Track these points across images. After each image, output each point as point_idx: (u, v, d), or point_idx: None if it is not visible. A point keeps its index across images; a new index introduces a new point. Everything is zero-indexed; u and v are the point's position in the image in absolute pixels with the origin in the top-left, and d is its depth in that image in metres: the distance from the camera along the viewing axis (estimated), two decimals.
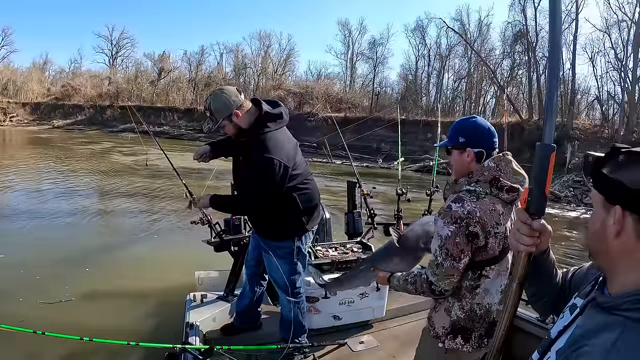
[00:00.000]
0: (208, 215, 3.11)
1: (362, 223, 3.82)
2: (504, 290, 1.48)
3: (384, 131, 20.49)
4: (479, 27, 30.77)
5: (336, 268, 2.94)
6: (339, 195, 10.14)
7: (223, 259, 3.36)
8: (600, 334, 0.70)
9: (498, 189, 1.47)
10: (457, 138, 1.56)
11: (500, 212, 1.45)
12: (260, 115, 2.32)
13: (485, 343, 1.53)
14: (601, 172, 0.78)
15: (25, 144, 24.96)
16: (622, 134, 16.56)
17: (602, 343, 0.68)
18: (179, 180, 3.29)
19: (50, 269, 5.24)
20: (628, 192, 0.72)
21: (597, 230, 0.78)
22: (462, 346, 1.54)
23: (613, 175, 0.75)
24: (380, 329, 2.93)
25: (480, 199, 1.46)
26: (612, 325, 0.70)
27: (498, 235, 1.46)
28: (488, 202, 1.45)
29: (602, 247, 0.77)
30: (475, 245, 1.44)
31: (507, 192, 1.47)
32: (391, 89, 37.32)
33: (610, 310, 0.73)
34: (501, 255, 1.51)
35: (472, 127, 1.56)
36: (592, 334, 0.72)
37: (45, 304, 4.29)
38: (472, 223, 1.42)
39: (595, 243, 0.79)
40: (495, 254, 1.49)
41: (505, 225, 1.47)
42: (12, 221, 7.71)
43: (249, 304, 2.83)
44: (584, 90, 24.96)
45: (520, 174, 1.51)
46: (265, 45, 41.13)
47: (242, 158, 2.40)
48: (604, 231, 0.76)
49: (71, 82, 40.70)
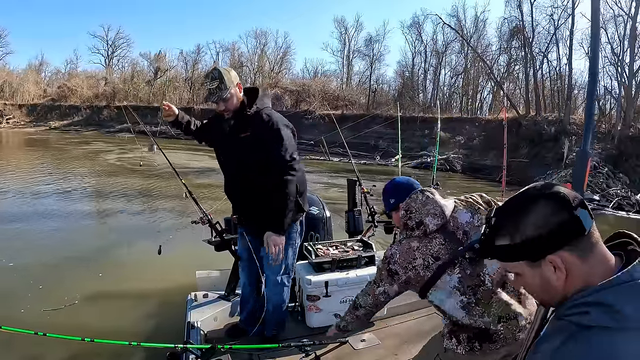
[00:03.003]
0: (208, 215, 3.11)
1: (362, 221, 3.83)
2: (465, 305, 1.60)
3: (381, 128, 20.52)
4: (475, 23, 30.85)
5: (337, 266, 2.94)
6: (338, 194, 10.15)
7: (224, 259, 3.35)
8: (549, 339, 0.76)
9: (410, 229, 1.69)
10: (388, 202, 1.82)
11: (414, 247, 1.65)
12: (256, 95, 2.44)
13: (477, 347, 1.59)
14: (504, 245, 0.81)
15: (22, 145, 24.85)
16: (620, 129, 16.57)
17: (547, 348, 0.74)
18: (178, 180, 3.29)
19: (52, 273, 5.23)
20: (545, 239, 0.76)
21: (542, 287, 0.81)
22: (457, 347, 1.63)
23: (520, 238, 0.79)
24: (381, 327, 2.94)
25: (400, 243, 1.71)
26: (560, 329, 0.75)
27: (417, 267, 1.64)
28: (405, 244, 1.68)
29: (554, 292, 0.80)
30: (396, 279, 1.68)
31: (417, 229, 1.67)
32: (388, 85, 37.40)
33: (559, 318, 0.78)
34: (433, 280, 1.63)
35: (393, 187, 1.83)
36: (545, 338, 0.79)
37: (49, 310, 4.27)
38: (392, 262, 1.69)
39: (548, 295, 0.82)
40: (423, 280, 1.64)
41: (423, 257, 1.64)
42: (11, 224, 7.67)
43: (252, 306, 2.82)
44: (581, 85, 24.99)
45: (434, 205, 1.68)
46: (262, 43, 41.17)
47: (245, 134, 2.38)
48: (549, 283, 0.79)
49: (67, 83, 40.48)
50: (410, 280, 1.67)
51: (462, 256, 1.62)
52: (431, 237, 1.65)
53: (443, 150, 19.16)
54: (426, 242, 1.65)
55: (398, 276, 1.67)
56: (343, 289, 2.88)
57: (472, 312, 1.59)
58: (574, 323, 0.73)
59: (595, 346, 0.68)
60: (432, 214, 1.65)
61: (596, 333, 0.69)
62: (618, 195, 12.30)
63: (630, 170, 14.40)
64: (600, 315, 0.70)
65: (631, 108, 17.49)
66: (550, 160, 16.64)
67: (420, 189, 1.76)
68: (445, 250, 1.63)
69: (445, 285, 1.62)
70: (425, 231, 1.65)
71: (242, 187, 2.50)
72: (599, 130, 17.35)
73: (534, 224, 0.76)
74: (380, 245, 4.26)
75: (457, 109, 30.84)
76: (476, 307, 1.59)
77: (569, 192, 0.77)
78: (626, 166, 14.61)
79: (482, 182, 16.54)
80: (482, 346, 1.58)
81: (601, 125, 17.82)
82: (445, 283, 1.62)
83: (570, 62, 21.07)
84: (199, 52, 42.12)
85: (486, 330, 1.57)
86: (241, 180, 2.50)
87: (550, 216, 0.76)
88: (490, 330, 1.57)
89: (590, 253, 0.77)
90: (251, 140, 2.37)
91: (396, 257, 1.68)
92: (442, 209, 1.67)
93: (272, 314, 2.70)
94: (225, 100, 2.33)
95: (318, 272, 2.91)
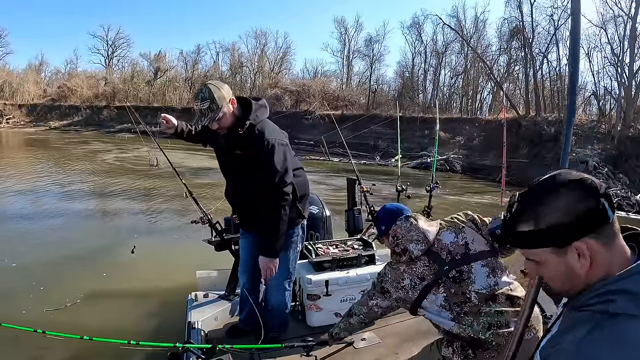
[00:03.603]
0: (208, 215, 3.11)
1: (362, 220, 3.83)
2: (455, 317, 1.68)
3: (381, 128, 20.55)
4: (475, 24, 30.80)
5: (337, 265, 2.94)
6: (338, 193, 10.15)
7: (224, 258, 3.36)
8: (573, 330, 0.75)
9: (398, 255, 1.82)
10: (380, 229, 1.96)
11: (402, 270, 1.78)
12: (249, 107, 2.35)
13: (471, 355, 1.65)
14: (528, 231, 0.81)
15: (22, 145, 24.85)
16: (619, 129, 16.58)
17: (573, 338, 0.73)
18: (179, 180, 3.29)
19: (52, 273, 5.24)
20: (572, 225, 0.76)
21: (566, 274, 0.81)
22: (452, 355, 1.70)
23: (546, 224, 0.78)
24: (382, 326, 2.93)
25: (391, 266, 1.85)
26: (583, 320, 0.75)
27: (405, 287, 1.76)
28: (395, 267, 1.82)
29: (578, 281, 0.80)
30: (387, 296, 1.82)
31: (403, 255, 1.79)
32: (388, 86, 37.33)
33: (580, 308, 0.78)
34: (419, 299, 1.75)
35: (384, 214, 1.97)
36: (566, 330, 0.78)
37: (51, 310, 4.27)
38: (384, 281, 1.83)
39: (570, 283, 0.82)
40: (412, 299, 1.77)
41: (410, 278, 1.76)
42: (11, 225, 7.68)
43: (252, 307, 2.81)
44: (581, 85, 24.94)
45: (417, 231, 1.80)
46: (262, 43, 41.09)
47: (239, 151, 2.35)
48: (573, 271, 0.79)
49: (67, 83, 40.45)
50: (399, 299, 1.81)
51: (445, 276, 1.71)
52: (416, 260, 1.77)
53: (443, 151, 19.17)
54: (412, 265, 1.77)
55: (389, 294, 1.82)
56: (343, 287, 2.89)
57: (462, 322, 1.66)
58: (599, 312, 0.73)
59: (623, 333, 0.68)
60: (416, 240, 1.78)
61: (623, 320, 0.69)
62: (618, 195, 12.30)
63: (630, 170, 14.42)
64: (627, 303, 0.70)
65: (631, 108, 17.50)
66: (550, 161, 16.63)
67: (405, 215, 1.89)
68: (429, 271, 1.74)
69: (432, 305, 1.73)
70: (410, 257, 1.77)
71: (242, 194, 2.50)
72: (599, 131, 17.37)
73: (562, 209, 0.76)
74: (380, 244, 4.27)
75: (457, 110, 30.81)
76: (465, 317, 1.66)
77: (595, 180, 0.78)
78: (626, 166, 14.63)
79: (481, 182, 16.55)
80: (476, 354, 1.64)
81: (601, 126, 17.84)
82: (432, 302, 1.73)
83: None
84: (199, 52, 42.15)
85: (477, 339, 1.63)
86: (239, 189, 2.50)
87: (578, 202, 0.76)
88: (480, 340, 1.62)
89: (612, 242, 0.77)
90: (246, 158, 2.33)
91: (388, 277, 1.82)
92: (425, 234, 1.79)
93: (274, 317, 2.70)
94: (218, 120, 2.26)
95: (318, 271, 2.91)
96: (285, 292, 2.67)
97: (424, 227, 1.81)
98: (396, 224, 1.85)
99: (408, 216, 1.87)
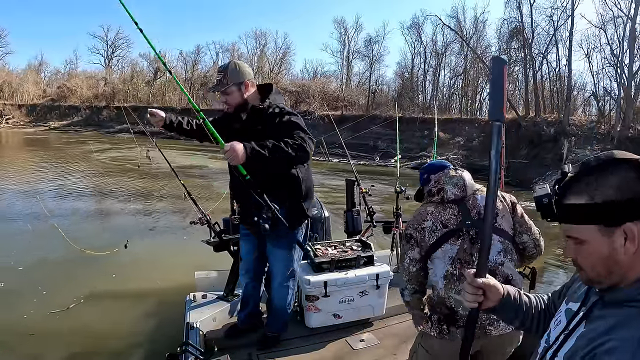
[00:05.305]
0: (207, 215, 3.11)
1: (361, 221, 3.83)
2: (448, 275, 1.71)
3: (380, 129, 20.49)
4: (475, 24, 30.89)
5: (336, 266, 2.94)
6: (337, 194, 10.14)
7: (222, 259, 3.36)
8: (625, 327, 0.69)
9: (431, 195, 1.83)
10: (422, 177, 1.94)
11: (428, 211, 1.80)
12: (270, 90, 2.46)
13: (445, 330, 1.70)
14: (579, 205, 0.75)
15: (21, 145, 24.84)
16: (619, 130, 16.60)
17: (631, 335, 0.67)
18: (177, 180, 3.29)
19: (52, 275, 5.24)
20: (628, 204, 0.70)
21: (607, 259, 0.75)
22: (430, 329, 1.75)
23: (601, 198, 0.72)
24: (380, 327, 2.93)
25: (418, 210, 1.87)
26: (635, 316, 0.69)
27: (425, 229, 1.76)
28: (422, 208, 1.85)
29: (616, 268, 0.74)
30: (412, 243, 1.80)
31: (437, 194, 1.80)
32: (387, 86, 37.42)
33: (628, 304, 0.72)
34: (436, 245, 1.74)
35: (429, 165, 1.97)
36: (615, 328, 0.70)
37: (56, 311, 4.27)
38: (407, 227, 1.85)
39: (606, 270, 0.76)
40: (427, 245, 1.76)
41: (433, 220, 1.76)
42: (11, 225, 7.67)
43: (252, 307, 2.81)
44: (580, 86, 25.05)
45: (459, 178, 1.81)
46: (261, 44, 41.17)
47: (260, 126, 2.34)
48: (615, 256, 0.73)
49: (67, 83, 40.48)
50: (418, 242, 1.78)
51: (467, 230, 1.72)
52: (447, 205, 1.78)
53: (442, 151, 19.17)
54: (440, 209, 1.78)
55: (413, 239, 1.80)
56: (342, 289, 2.88)
57: (450, 286, 1.70)
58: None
59: None
60: (454, 184, 1.79)
61: None
62: None
63: None
64: None
65: (630, 109, 17.52)
66: (549, 161, 16.65)
67: (453, 167, 1.91)
68: (455, 220, 1.75)
69: (445, 255, 1.73)
70: (443, 197, 1.78)
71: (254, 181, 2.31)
72: (599, 131, 17.38)
73: (619, 186, 0.71)
74: (378, 246, 4.27)
75: (457, 110, 30.85)
76: (456, 282, 1.69)
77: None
78: None
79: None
80: (450, 330, 1.69)
81: (600, 126, 17.85)
82: (445, 252, 1.73)
83: (569, 63, 21.07)
84: (199, 52, 42.23)
85: (452, 314, 1.68)
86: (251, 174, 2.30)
87: (636, 182, 0.71)
88: (457, 314, 1.67)
89: None
90: (264, 132, 2.29)
91: (410, 222, 1.84)
92: (464, 182, 1.80)
93: (276, 316, 2.70)
94: (224, 94, 2.36)
95: (317, 272, 2.90)
96: (288, 290, 2.66)
97: (467, 179, 1.83)
98: (443, 172, 1.85)
99: (456, 168, 1.91)
